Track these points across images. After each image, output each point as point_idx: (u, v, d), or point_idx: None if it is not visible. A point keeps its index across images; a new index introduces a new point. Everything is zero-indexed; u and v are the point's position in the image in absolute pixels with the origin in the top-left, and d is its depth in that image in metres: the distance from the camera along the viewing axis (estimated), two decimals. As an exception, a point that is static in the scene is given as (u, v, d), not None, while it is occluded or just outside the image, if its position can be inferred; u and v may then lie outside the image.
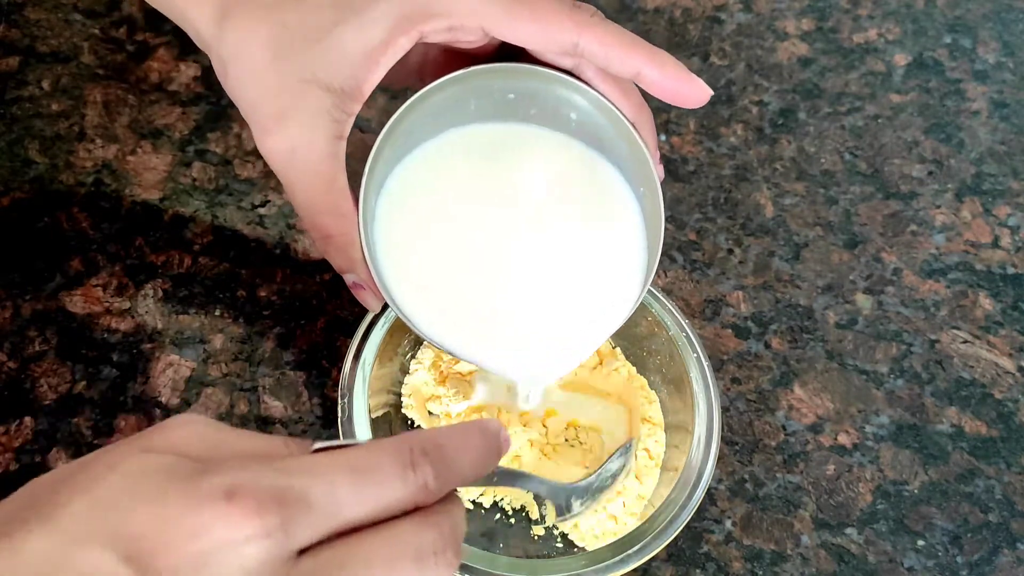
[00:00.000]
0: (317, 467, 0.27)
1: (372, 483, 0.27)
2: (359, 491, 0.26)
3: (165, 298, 0.55)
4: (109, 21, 0.65)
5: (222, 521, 0.25)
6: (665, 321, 0.49)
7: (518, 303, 0.43)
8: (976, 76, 0.67)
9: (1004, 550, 0.50)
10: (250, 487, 0.25)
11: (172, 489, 0.25)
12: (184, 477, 0.26)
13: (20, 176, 0.58)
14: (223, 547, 0.25)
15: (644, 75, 0.40)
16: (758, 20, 0.69)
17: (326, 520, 0.26)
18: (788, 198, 0.61)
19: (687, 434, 0.47)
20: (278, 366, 0.53)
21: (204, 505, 0.25)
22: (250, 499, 0.25)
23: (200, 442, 0.28)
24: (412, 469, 0.27)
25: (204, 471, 0.26)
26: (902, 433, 0.53)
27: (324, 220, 0.40)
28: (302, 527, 0.26)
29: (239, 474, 0.26)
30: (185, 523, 0.25)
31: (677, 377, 0.49)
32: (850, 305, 0.57)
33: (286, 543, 0.25)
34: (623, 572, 0.42)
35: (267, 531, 0.25)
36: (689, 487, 0.44)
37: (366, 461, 0.27)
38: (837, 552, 0.49)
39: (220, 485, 0.25)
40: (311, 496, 0.26)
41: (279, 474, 0.26)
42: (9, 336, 0.53)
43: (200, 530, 0.25)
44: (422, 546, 0.27)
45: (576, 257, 0.43)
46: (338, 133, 0.39)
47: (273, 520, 0.25)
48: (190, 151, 0.60)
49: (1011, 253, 0.60)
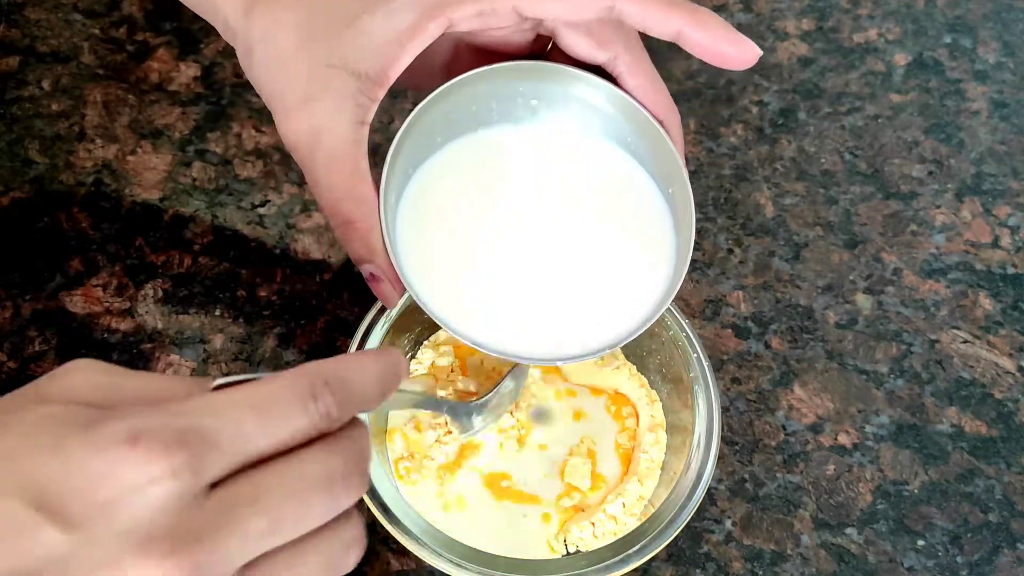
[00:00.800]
0: (218, 405, 0.27)
1: (275, 416, 0.27)
2: (262, 425, 0.27)
3: (165, 298, 0.55)
4: (109, 21, 0.65)
5: (127, 464, 0.25)
6: (665, 321, 0.49)
7: (542, 295, 0.42)
8: (976, 76, 0.67)
9: (1004, 550, 0.50)
10: (152, 429, 0.25)
11: (73, 438, 0.25)
12: (82, 425, 0.26)
13: (20, 176, 0.58)
14: (132, 489, 0.25)
15: (686, 35, 0.38)
16: (758, 20, 0.69)
17: (232, 455, 0.26)
18: (788, 198, 0.61)
19: (687, 434, 0.47)
20: (278, 366, 0.53)
21: (107, 450, 0.25)
22: (154, 441, 0.25)
23: (93, 388, 0.28)
24: (313, 400, 0.28)
25: (103, 417, 0.26)
26: (902, 433, 0.53)
27: (345, 206, 0.39)
28: (208, 464, 0.26)
29: (140, 419, 0.26)
30: (90, 469, 0.25)
31: (677, 377, 0.49)
32: (850, 305, 0.57)
33: (194, 481, 0.25)
34: (623, 572, 0.42)
35: (173, 470, 0.25)
36: (689, 487, 0.44)
37: (267, 396, 0.27)
38: (837, 552, 0.49)
39: (121, 430, 0.25)
40: (215, 433, 0.26)
41: (181, 416, 0.26)
42: (9, 336, 0.53)
43: (106, 475, 0.25)
44: (330, 473, 0.28)
45: (603, 252, 0.43)
46: (362, 118, 0.39)
47: (179, 459, 0.25)
48: (190, 151, 0.60)
49: (1011, 253, 0.60)
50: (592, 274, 0.42)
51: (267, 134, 0.61)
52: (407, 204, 0.42)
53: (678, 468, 0.46)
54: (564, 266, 0.42)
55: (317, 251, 0.57)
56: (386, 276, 0.40)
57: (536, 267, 0.42)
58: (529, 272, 0.42)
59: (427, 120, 0.41)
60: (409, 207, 0.42)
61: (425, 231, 0.42)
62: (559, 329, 0.42)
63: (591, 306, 0.42)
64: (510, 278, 0.42)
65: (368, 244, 0.39)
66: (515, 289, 0.42)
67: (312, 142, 0.39)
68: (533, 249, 0.42)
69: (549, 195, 0.43)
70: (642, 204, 0.43)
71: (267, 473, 0.27)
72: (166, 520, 0.25)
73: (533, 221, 0.43)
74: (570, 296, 0.42)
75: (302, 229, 0.57)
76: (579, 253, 0.43)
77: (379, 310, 0.48)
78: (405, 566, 0.48)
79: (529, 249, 0.42)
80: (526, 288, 0.42)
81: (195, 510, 0.26)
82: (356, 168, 0.39)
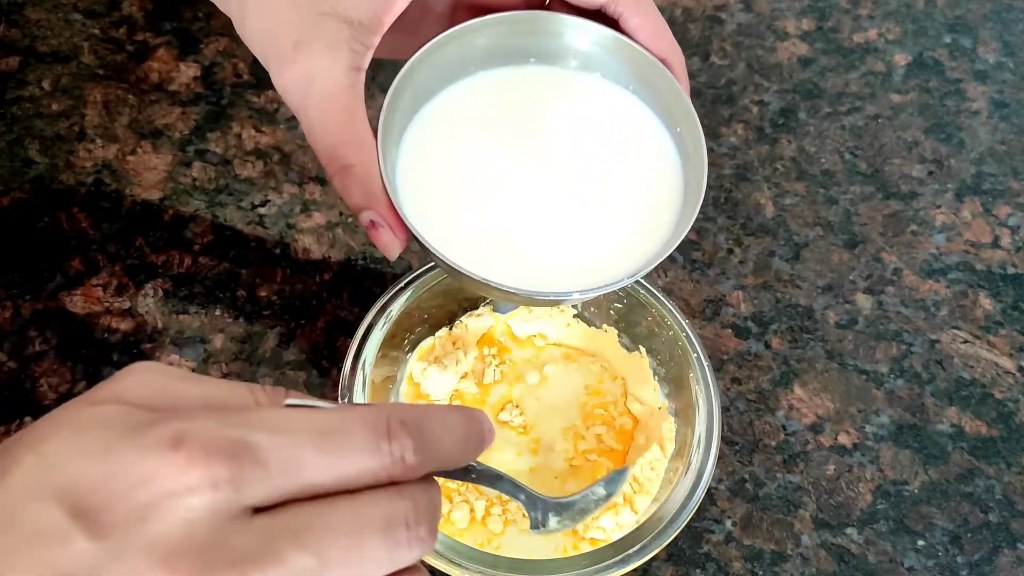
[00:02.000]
0: (280, 422, 0.25)
1: (340, 448, 0.25)
2: (324, 454, 0.24)
3: (165, 298, 0.55)
4: (109, 21, 0.65)
5: (166, 470, 0.23)
6: (665, 321, 0.49)
7: (548, 233, 0.41)
8: (976, 76, 0.67)
9: (1004, 550, 0.50)
10: (199, 436, 0.24)
11: (117, 441, 0.24)
12: (131, 428, 0.24)
13: (20, 176, 0.58)
14: (167, 496, 0.23)
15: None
16: (758, 20, 0.69)
17: (283, 480, 0.24)
18: (788, 198, 0.61)
19: (687, 434, 0.47)
20: (278, 366, 0.53)
21: (149, 454, 0.24)
22: (197, 447, 0.23)
23: (150, 390, 0.26)
24: (387, 440, 0.25)
25: (153, 421, 0.25)
26: (902, 433, 0.53)
27: (343, 150, 0.38)
28: (254, 484, 0.24)
29: (188, 424, 0.24)
30: (130, 474, 0.24)
31: (677, 377, 0.49)
32: (850, 305, 0.57)
33: (235, 498, 0.24)
34: (623, 572, 0.42)
35: (213, 482, 0.23)
36: (689, 487, 0.44)
37: (336, 424, 0.25)
38: (837, 552, 0.49)
39: (167, 433, 0.24)
40: (268, 452, 0.24)
41: (235, 426, 0.24)
42: (9, 336, 0.53)
43: (144, 480, 0.23)
44: (393, 517, 0.25)
45: (608, 191, 0.42)
46: (356, 64, 0.39)
47: (221, 471, 0.23)
48: (190, 151, 0.60)
49: (1011, 253, 0.60)
50: (598, 212, 0.41)
51: (267, 134, 0.61)
52: (406, 148, 0.42)
53: (678, 468, 0.46)
54: (569, 204, 0.42)
55: (317, 251, 0.57)
56: (387, 222, 0.38)
57: (541, 206, 0.41)
58: (534, 211, 0.41)
59: (425, 67, 0.41)
60: (409, 150, 0.42)
61: (426, 174, 0.41)
62: (566, 266, 0.40)
63: (597, 244, 0.41)
64: (515, 217, 0.41)
65: (367, 189, 0.38)
66: (520, 228, 0.41)
67: (306, 87, 0.38)
68: (537, 188, 0.42)
69: (551, 134, 0.43)
70: (647, 143, 0.43)
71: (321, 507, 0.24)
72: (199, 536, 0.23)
73: (536, 160, 0.42)
74: (576, 234, 0.41)
75: (302, 229, 0.57)
76: (584, 191, 0.42)
77: (379, 310, 0.48)
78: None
79: (533, 188, 0.42)
80: (532, 227, 0.41)
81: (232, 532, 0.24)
82: (352, 112, 0.39)
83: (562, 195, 0.42)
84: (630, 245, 0.41)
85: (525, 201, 0.41)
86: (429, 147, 0.42)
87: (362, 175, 0.38)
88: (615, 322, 0.52)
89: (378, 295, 0.48)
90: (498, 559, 0.42)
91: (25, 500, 0.24)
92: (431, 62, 0.41)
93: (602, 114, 0.43)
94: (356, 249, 0.57)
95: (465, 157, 0.42)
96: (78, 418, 0.25)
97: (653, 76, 0.42)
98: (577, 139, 0.43)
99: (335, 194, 0.59)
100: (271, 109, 0.62)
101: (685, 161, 0.42)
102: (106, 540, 0.23)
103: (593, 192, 0.42)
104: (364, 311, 0.47)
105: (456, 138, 0.42)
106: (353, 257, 0.57)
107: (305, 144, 0.61)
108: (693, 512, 0.44)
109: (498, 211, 0.41)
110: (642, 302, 0.49)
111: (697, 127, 0.41)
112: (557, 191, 0.42)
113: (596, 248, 0.41)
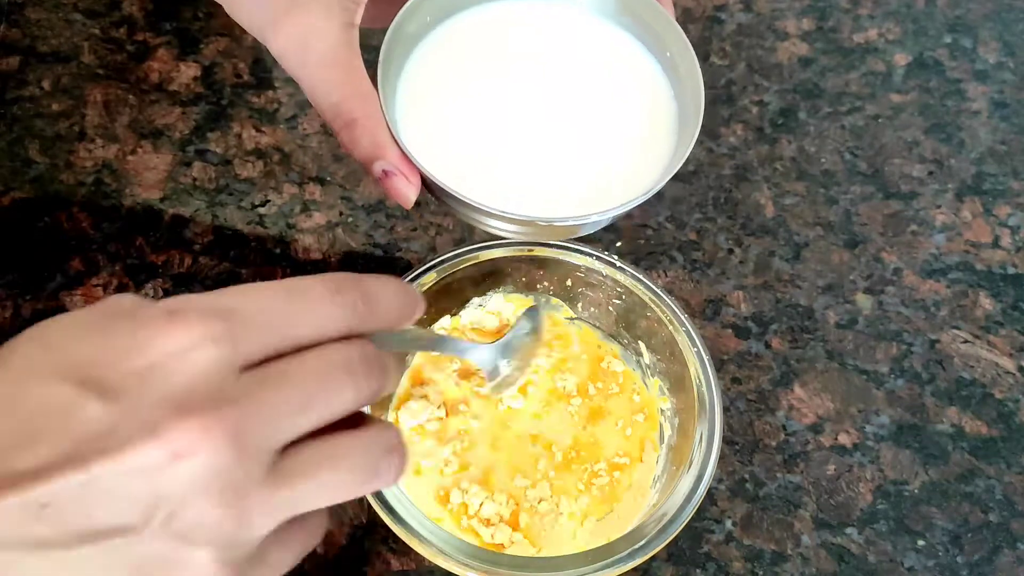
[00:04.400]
0: (251, 289, 0.28)
1: (305, 300, 0.28)
2: (293, 307, 0.28)
3: (165, 298, 0.55)
4: (109, 21, 0.65)
5: (165, 335, 0.26)
6: (665, 319, 0.49)
7: (550, 163, 0.43)
8: (976, 76, 0.67)
9: (1004, 550, 0.50)
10: (191, 306, 0.27)
11: (117, 318, 0.27)
12: (128, 310, 0.27)
13: (20, 176, 0.58)
14: (171, 356, 0.26)
15: None
16: (758, 20, 0.69)
17: (267, 333, 0.28)
18: (788, 198, 0.61)
19: (688, 434, 0.47)
20: (278, 366, 0.53)
21: (149, 324, 0.26)
22: (192, 314, 0.26)
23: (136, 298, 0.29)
24: (339, 293, 0.29)
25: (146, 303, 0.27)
26: (902, 433, 0.53)
27: (347, 104, 0.40)
28: (245, 337, 0.27)
29: (178, 301, 0.27)
30: (131, 342, 0.26)
31: (678, 377, 0.49)
32: (850, 305, 0.57)
33: (232, 351, 0.26)
34: (624, 570, 0.42)
35: (213, 338, 0.26)
36: (689, 487, 0.44)
37: (297, 284, 0.29)
38: (837, 552, 0.49)
39: (161, 308, 0.27)
40: (249, 312, 0.27)
41: (216, 297, 0.28)
42: (9, 336, 0.52)
43: (145, 345, 0.26)
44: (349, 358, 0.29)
45: (605, 121, 0.44)
46: (349, 20, 0.40)
47: (218, 328, 0.26)
48: (190, 151, 0.60)
49: (1011, 253, 0.60)
50: (601, 140, 0.44)
51: (267, 134, 0.61)
52: (404, 94, 0.43)
53: (678, 467, 0.46)
54: (573, 134, 0.43)
55: (317, 251, 0.57)
56: (399, 169, 0.40)
57: (543, 137, 0.43)
58: (536, 143, 0.43)
59: (415, 17, 0.42)
60: (407, 97, 0.43)
61: (428, 117, 0.43)
62: (580, 194, 0.42)
63: (606, 170, 0.43)
64: (519, 149, 0.43)
65: (376, 139, 0.40)
66: (524, 159, 0.43)
67: (303, 47, 0.40)
68: (538, 120, 0.43)
69: (545, 69, 0.45)
70: (638, 71, 0.45)
71: (293, 357, 0.28)
72: (204, 386, 0.26)
73: (533, 93, 0.44)
74: (584, 162, 0.43)
75: (302, 229, 0.57)
76: (586, 121, 0.44)
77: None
78: (405, 566, 0.48)
79: (534, 120, 0.43)
80: (535, 158, 0.43)
81: (232, 380, 0.26)
82: (351, 66, 0.40)
83: (564, 126, 0.44)
84: (636, 169, 0.43)
85: (529, 136, 0.43)
86: (426, 91, 0.43)
87: (369, 126, 0.40)
88: (615, 321, 0.52)
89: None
90: (499, 558, 0.42)
91: (30, 380, 0.26)
92: (422, 9, 0.43)
93: (593, 47, 0.46)
94: (356, 249, 0.57)
95: (465, 97, 0.44)
96: (79, 311, 0.28)
97: (639, 5, 0.44)
98: (571, 72, 0.45)
99: (335, 194, 0.59)
100: (271, 109, 0.62)
101: (678, 85, 0.44)
102: (117, 401, 0.25)
103: (593, 121, 0.44)
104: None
105: (452, 79, 0.44)
106: (353, 257, 0.57)
107: (305, 144, 0.61)
108: (693, 512, 0.44)
109: (505, 146, 0.43)
110: (643, 300, 0.49)
111: (687, 47, 0.43)
112: (558, 123, 0.44)
113: (605, 174, 0.43)
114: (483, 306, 0.53)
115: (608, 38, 0.46)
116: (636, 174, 0.43)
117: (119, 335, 0.26)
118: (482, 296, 0.52)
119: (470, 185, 0.41)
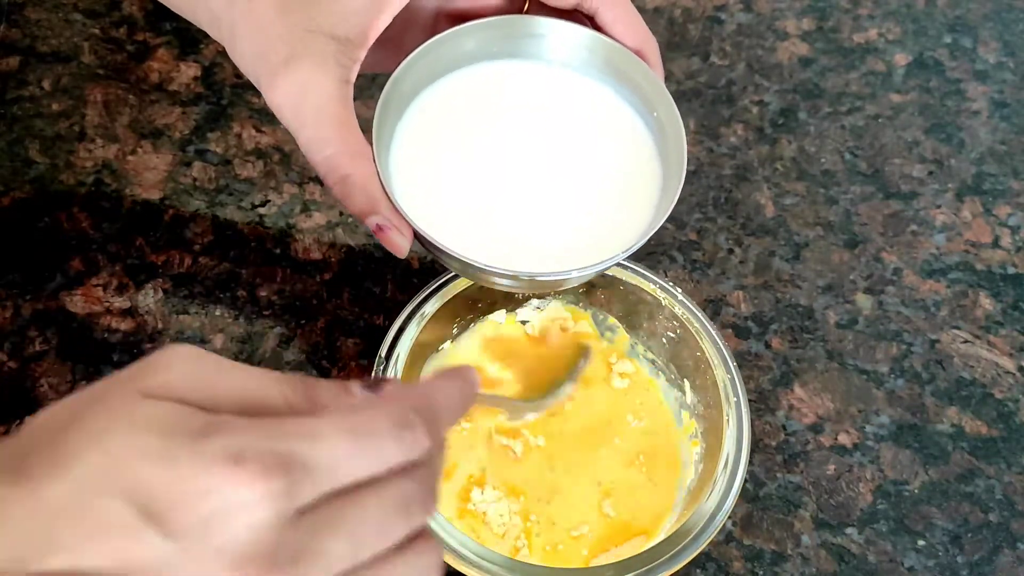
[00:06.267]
0: (319, 430, 0.28)
1: (371, 446, 0.28)
2: (358, 453, 0.28)
3: (165, 298, 0.55)
4: (109, 21, 0.65)
5: (231, 484, 0.26)
6: (702, 341, 0.50)
7: (540, 218, 0.44)
8: (976, 76, 0.67)
9: (1004, 550, 0.50)
10: (256, 451, 0.26)
11: (180, 449, 0.26)
12: (191, 436, 0.27)
13: (20, 176, 0.58)
14: (233, 508, 0.26)
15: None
16: (758, 20, 0.69)
17: (326, 482, 0.27)
18: (788, 198, 0.61)
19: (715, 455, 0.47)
20: (278, 366, 0.53)
21: (213, 467, 0.26)
22: (257, 463, 0.26)
23: (198, 384, 0.28)
24: (406, 429, 0.29)
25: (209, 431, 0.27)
26: (902, 433, 0.53)
27: (341, 160, 0.40)
28: (304, 489, 0.27)
29: (244, 437, 0.27)
30: (196, 483, 0.26)
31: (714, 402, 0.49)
32: (850, 305, 0.57)
33: (290, 505, 0.26)
34: None
35: (272, 495, 0.26)
36: (713, 508, 0.45)
37: (366, 424, 0.29)
38: (837, 552, 0.49)
39: (227, 448, 0.26)
40: (313, 459, 0.27)
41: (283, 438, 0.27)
42: (9, 336, 0.53)
43: (211, 491, 0.26)
44: (406, 496, 0.29)
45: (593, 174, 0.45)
46: (345, 77, 0.41)
47: (279, 484, 0.26)
48: (190, 151, 0.60)
49: (1011, 253, 0.60)
50: (586, 196, 0.45)
51: (267, 134, 0.61)
52: (398, 150, 0.44)
53: (706, 483, 0.46)
54: (559, 192, 0.45)
55: (317, 251, 0.57)
56: (392, 223, 0.41)
57: (532, 193, 0.44)
58: (523, 199, 0.44)
59: (412, 73, 0.43)
60: (400, 152, 0.44)
61: (419, 173, 0.44)
62: (563, 249, 0.43)
63: (589, 226, 0.44)
64: (509, 207, 0.44)
65: (369, 194, 0.40)
66: (515, 217, 0.44)
67: (298, 100, 0.40)
68: (525, 177, 0.44)
69: (534, 127, 0.46)
70: (624, 130, 0.46)
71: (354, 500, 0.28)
72: (261, 541, 0.26)
73: (522, 151, 0.45)
74: (568, 218, 0.44)
75: (302, 229, 0.57)
76: (571, 178, 0.45)
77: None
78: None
79: (523, 179, 0.44)
80: (522, 213, 0.44)
81: (286, 533, 0.26)
82: (345, 121, 0.40)
83: (550, 183, 0.45)
84: (620, 224, 0.44)
85: (517, 191, 0.44)
86: (419, 147, 0.44)
87: (362, 182, 0.40)
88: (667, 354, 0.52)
89: (378, 295, 0.48)
90: (518, 565, 0.43)
91: (93, 494, 0.26)
92: (417, 68, 0.44)
93: (581, 106, 0.46)
94: (356, 249, 0.57)
95: (455, 153, 0.44)
96: (133, 412, 0.27)
97: (628, 67, 0.45)
98: (560, 130, 0.46)
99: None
100: (271, 109, 0.62)
101: (664, 143, 0.45)
102: (178, 541, 0.25)
103: (579, 178, 0.45)
104: (364, 311, 0.47)
105: (444, 136, 0.45)
106: (353, 257, 0.57)
107: (305, 144, 0.61)
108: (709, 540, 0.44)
109: (492, 202, 0.44)
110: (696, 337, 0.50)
111: (673, 108, 0.44)
112: (545, 180, 0.45)
113: (590, 230, 0.44)
114: (540, 308, 0.53)
115: (597, 98, 0.47)
116: (619, 229, 0.44)
117: (183, 470, 0.26)
118: (541, 299, 0.53)
119: (458, 239, 0.41)
